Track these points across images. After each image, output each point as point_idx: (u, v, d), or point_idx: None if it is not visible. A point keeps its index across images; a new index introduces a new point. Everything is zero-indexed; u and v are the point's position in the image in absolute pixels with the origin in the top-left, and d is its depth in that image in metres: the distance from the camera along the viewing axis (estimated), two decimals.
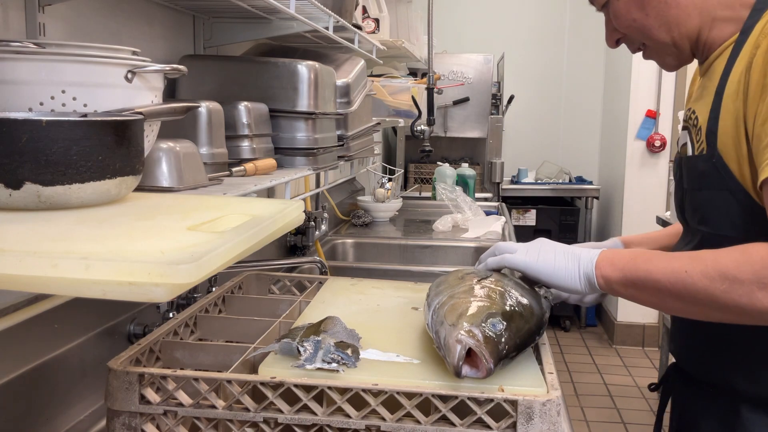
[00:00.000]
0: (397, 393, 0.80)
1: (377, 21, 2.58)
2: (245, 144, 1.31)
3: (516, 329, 0.87)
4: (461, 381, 0.82)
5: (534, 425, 0.78)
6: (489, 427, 0.79)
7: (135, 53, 0.86)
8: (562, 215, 4.68)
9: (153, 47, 1.39)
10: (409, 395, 0.80)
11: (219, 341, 1.08)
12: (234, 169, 1.20)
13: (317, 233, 2.35)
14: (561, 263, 1.03)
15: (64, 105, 0.78)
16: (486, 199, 3.85)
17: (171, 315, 1.31)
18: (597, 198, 4.71)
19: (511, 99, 4.53)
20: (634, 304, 1.06)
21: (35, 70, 0.77)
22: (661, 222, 3.50)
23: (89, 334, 1.13)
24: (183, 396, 0.84)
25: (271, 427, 0.83)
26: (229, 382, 0.83)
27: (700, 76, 1.16)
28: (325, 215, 2.49)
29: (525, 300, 0.95)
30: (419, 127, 2.71)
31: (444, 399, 0.80)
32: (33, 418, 1.00)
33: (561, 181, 4.77)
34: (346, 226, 2.82)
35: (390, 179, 3.10)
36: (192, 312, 1.09)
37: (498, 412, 0.79)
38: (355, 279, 1.33)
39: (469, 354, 0.82)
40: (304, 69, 1.43)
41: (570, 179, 4.85)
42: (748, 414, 1.06)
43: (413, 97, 2.70)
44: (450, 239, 2.58)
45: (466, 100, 4.31)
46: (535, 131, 5.23)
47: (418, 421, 0.80)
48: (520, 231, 4.01)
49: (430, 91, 2.65)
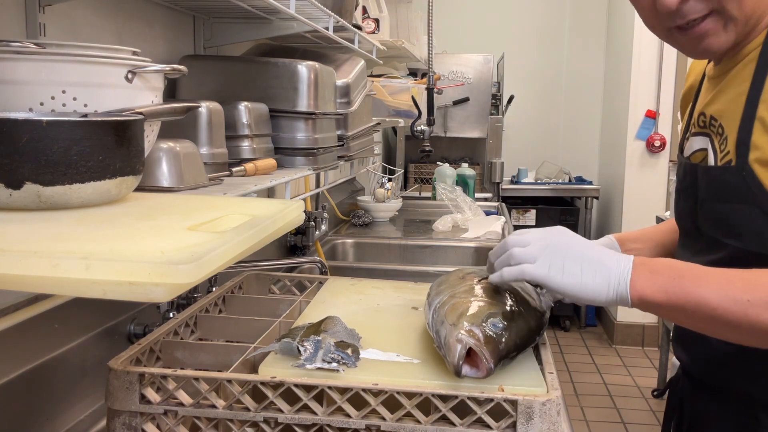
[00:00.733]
0: (397, 393, 0.80)
1: (377, 21, 2.59)
2: (245, 144, 1.31)
3: (516, 329, 0.87)
4: (461, 381, 0.82)
5: (534, 425, 0.78)
6: (489, 427, 0.79)
7: (135, 53, 0.86)
8: (561, 215, 4.68)
9: (153, 47, 1.39)
10: (409, 395, 0.80)
11: (219, 341, 1.08)
12: (234, 169, 1.20)
13: (317, 233, 2.35)
14: (589, 279, 0.90)
15: (64, 105, 0.78)
16: (486, 199, 3.85)
17: (171, 315, 1.31)
18: (597, 198, 4.71)
19: (511, 99, 4.53)
20: None
21: (35, 70, 0.77)
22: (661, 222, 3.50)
23: (89, 334, 1.13)
24: (183, 396, 0.84)
25: (272, 427, 0.83)
26: (230, 381, 0.83)
27: (711, 77, 1.09)
28: (325, 215, 2.49)
29: (525, 300, 0.96)
30: (419, 127, 2.71)
31: (444, 399, 0.80)
32: (33, 418, 1.00)
33: (561, 181, 4.77)
34: (346, 226, 2.82)
35: (390, 179, 3.10)
36: (192, 312, 1.09)
37: (498, 411, 0.79)
38: (355, 279, 1.33)
39: (470, 354, 0.82)
40: (304, 69, 1.43)
41: (570, 179, 4.85)
42: (766, 420, 1.03)
43: (413, 97, 2.70)
44: (450, 239, 2.58)
45: (466, 100, 4.31)
46: (535, 131, 5.23)
47: (418, 421, 0.80)
48: None
49: (430, 91, 2.65)
